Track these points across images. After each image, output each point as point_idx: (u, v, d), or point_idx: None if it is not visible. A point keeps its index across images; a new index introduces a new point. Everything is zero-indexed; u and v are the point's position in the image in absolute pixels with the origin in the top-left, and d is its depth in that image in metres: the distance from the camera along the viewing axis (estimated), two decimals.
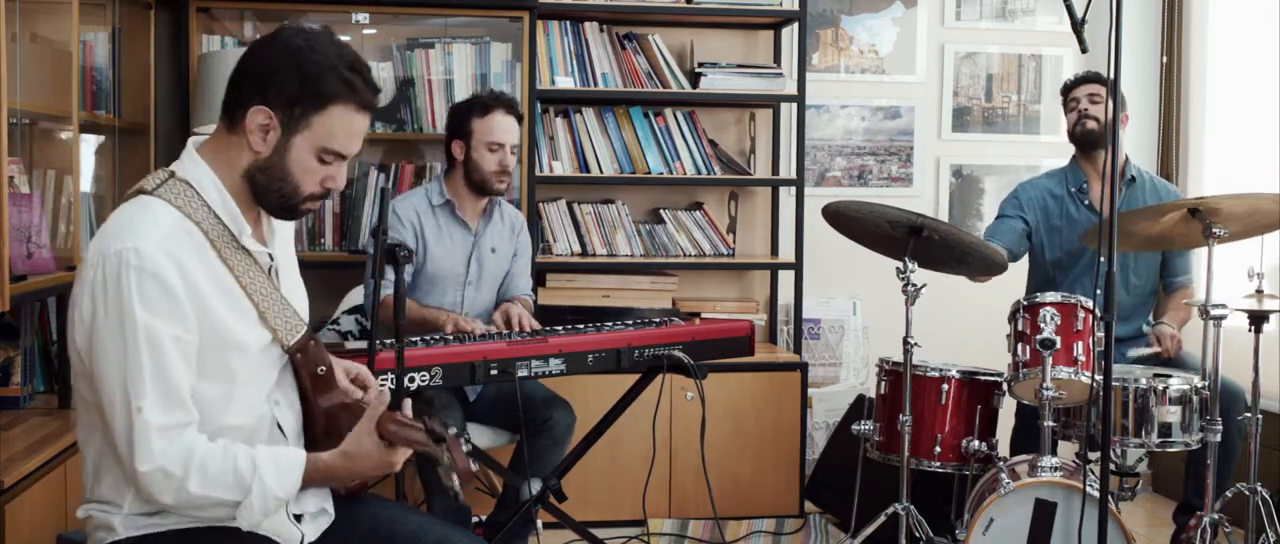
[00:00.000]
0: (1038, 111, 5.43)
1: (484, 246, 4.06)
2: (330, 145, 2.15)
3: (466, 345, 3.40)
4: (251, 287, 2.16)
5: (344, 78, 2.13)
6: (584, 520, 4.01)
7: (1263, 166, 4.70)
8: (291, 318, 2.22)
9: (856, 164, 5.35)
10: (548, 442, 3.87)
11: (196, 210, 2.12)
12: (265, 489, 2.08)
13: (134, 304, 2.01)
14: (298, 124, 2.13)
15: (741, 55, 5.14)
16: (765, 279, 5.23)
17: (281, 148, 2.14)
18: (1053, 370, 3.49)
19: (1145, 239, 3.75)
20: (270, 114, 2.11)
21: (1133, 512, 4.74)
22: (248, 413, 2.17)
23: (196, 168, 2.17)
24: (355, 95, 2.14)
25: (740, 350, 3.86)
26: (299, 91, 2.11)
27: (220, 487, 2.07)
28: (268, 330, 2.18)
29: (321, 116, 2.13)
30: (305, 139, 2.14)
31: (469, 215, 4.03)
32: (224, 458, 2.07)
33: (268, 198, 2.19)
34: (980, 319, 4.71)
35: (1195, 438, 3.54)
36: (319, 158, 2.16)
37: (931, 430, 3.70)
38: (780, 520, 4.70)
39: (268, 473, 2.09)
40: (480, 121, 3.92)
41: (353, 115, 2.16)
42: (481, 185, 3.96)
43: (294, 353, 2.21)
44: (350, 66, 2.14)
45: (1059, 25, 5.37)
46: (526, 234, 4.23)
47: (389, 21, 4.80)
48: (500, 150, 3.93)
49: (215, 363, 2.11)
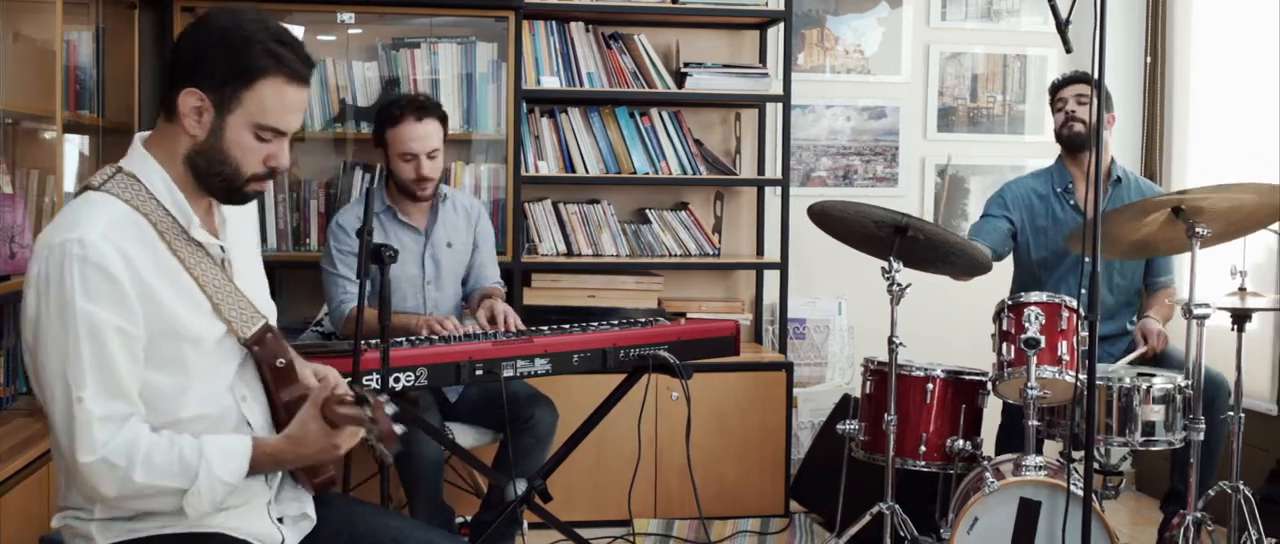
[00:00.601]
0: (1023, 111, 5.45)
1: (438, 243, 4.03)
2: (264, 120, 2.13)
3: (451, 346, 3.39)
4: (204, 279, 2.14)
5: (270, 50, 2.10)
6: (569, 520, 4.00)
7: (1246, 166, 4.72)
8: (246, 309, 2.19)
9: (842, 164, 5.36)
10: (531, 440, 3.86)
11: (144, 203, 2.11)
12: (212, 474, 2.06)
13: (76, 294, 2.00)
14: (229, 103, 2.11)
15: (727, 55, 5.14)
16: (751, 279, 5.24)
17: (217, 129, 2.12)
18: (1037, 370, 3.50)
19: (1130, 245, 3.76)
20: (201, 96, 2.10)
21: (1116, 510, 4.76)
22: (207, 405, 2.15)
23: (143, 161, 2.15)
24: (283, 67, 2.12)
25: (725, 350, 3.86)
26: (227, 70, 2.09)
27: (166, 475, 2.05)
28: (222, 322, 2.16)
29: (252, 92, 2.11)
30: (239, 117, 2.12)
31: (414, 217, 4.01)
32: (169, 448, 2.06)
33: (211, 182, 2.16)
34: (965, 319, 4.72)
35: (1178, 437, 3.55)
36: (256, 135, 2.13)
37: (916, 430, 3.70)
38: (765, 520, 4.70)
39: (214, 459, 2.07)
40: (391, 131, 3.88)
41: (284, 88, 2.13)
42: (406, 193, 3.94)
43: (251, 345, 2.19)
44: (276, 39, 2.12)
45: (1044, 25, 5.39)
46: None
47: (375, 21, 4.79)
48: (414, 160, 3.88)
49: (167, 353, 2.09)
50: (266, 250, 4.55)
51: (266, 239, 4.58)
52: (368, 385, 2.09)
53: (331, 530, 2.32)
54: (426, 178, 3.91)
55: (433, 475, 3.76)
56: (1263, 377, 4.58)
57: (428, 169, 3.90)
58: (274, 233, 4.61)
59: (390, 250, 3.07)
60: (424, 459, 3.70)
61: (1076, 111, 4.24)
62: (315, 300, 4.28)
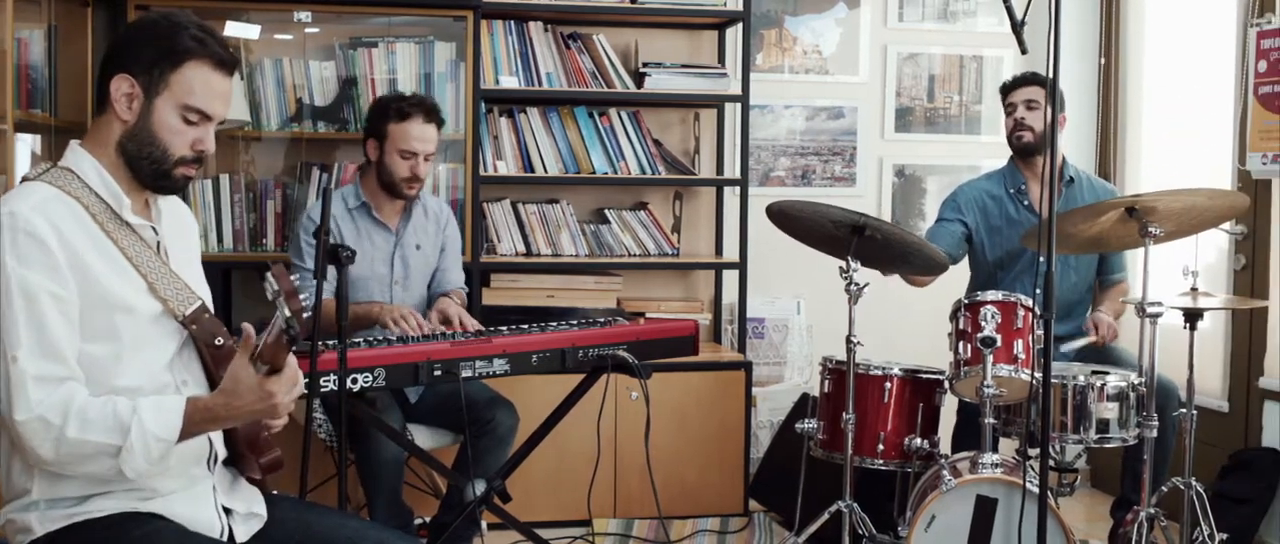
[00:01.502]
0: (980, 112, 5.49)
1: (407, 245, 4.03)
2: (191, 102, 2.22)
3: (410, 346, 3.38)
4: (138, 259, 2.19)
5: (195, 36, 2.23)
6: (528, 521, 4.00)
7: (1198, 167, 4.78)
8: (182, 289, 2.24)
9: (800, 164, 5.38)
10: (491, 442, 3.86)
11: (77, 190, 2.18)
12: (145, 430, 2.07)
13: (7, 257, 2.06)
14: (157, 85, 2.21)
15: (686, 55, 5.15)
16: (710, 279, 5.25)
17: (146, 112, 2.22)
18: (993, 368, 3.53)
19: (1084, 241, 3.80)
20: (132, 81, 2.21)
21: (1072, 507, 4.80)
22: (142, 376, 2.17)
23: (77, 157, 2.24)
24: (208, 52, 2.23)
25: (685, 350, 3.87)
26: (154, 54, 2.20)
27: (99, 430, 2.07)
28: (157, 301, 2.20)
29: (178, 74, 2.21)
30: (166, 100, 2.22)
31: (387, 216, 4.00)
32: (104, 405, 2.09)
33: (141, 167, 2.24)
34: (922, 318, 4.75)
35: (1132, 434, 3.59)
36: (183, 118, 2.23)
37: (874, 428, 3.72)
38: (725, 519, 4.71)
39: (147, 414, 2.09)
40: (396, 126, 3.89)
41: (210, 73, 2.23)
42: (391, 189, 3.94)
43: (188, 324, 2.22)
44: (201, 28, 2.24)
45: (1000, 26, 5.43)
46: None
47: (332, 21, 4.76)
48: (413, 158, 3.90)
49: (99, 323, 2.13)
50: (223, 251, 4.52)
51: (222, 240, 4.55)
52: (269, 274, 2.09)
53: (285, 532, 2.32)
54: (419, 178, 3.94)
55: (392, 476, 3.74)
56: (1214, 374, 4.63)
57: (423, 170, 3.93)
58: (231, 233, 4.57)
59: (347, 251, 3.06)
60: (383, 460, 3.68)
61: (1026, 118, 4.26)
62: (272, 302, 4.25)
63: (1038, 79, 4.29)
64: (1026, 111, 4.27)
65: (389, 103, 3.94)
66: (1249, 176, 4.42)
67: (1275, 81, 4.27)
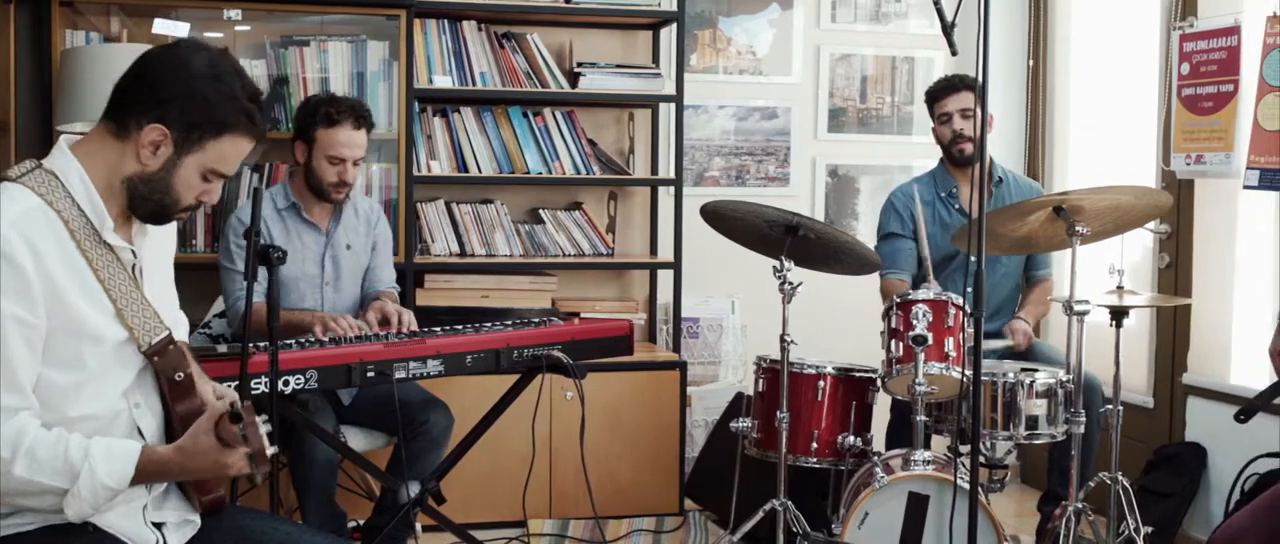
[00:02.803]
0: (911, 113, 5.54)
1: (338, 245, 4.00)
2: (218, 168, 2.21)
3: (342, 347, 3.35)
4: (110, 283, 2.14)
5: (245, 109, 2.18)
6: (463, 522, 3.98)
7: (1123, 167, 4.86)
8: (151, 319, 2.19)
9: (734, 164, 5.40)
10: (425, 444, 3.83)
11: (59, 200, 2.11)
12: (94, 477, 2.05)
13: None
14: (192, 146, 2.17)
15: (620, 55, 5.15)
16: (644, 278, 5.25)
17: (170, 165, 2.17)
18: (925, 366, 3.56)
19: (1013, 241, 3.85)
20: (165, 132, 2.14)
21: (1001, 502, 4.86)
22: (98, 405, 2.13)
23: (65, 161, 2.16)
24: (251, 127, 2.21)
25: (620, 350, 3.87)
26: (200, 118, 2.15)
27: (47, 472, 2.03)
28: (123, 328, 2.14)
29: (216, 143, 2.18)
30: (196, 160, 2.18)
31: (317, 216, 3.97)
32: (55, 444, 2.04)
33: (143, 205, 2.20)
34: (855, 317, 4.78)
35: (1060, 430, 3.64)
36: (203, 177, 2.21)
37: (808, 427, 3.75)
38: (660, 518, 4.72)
39: (98, 461, 2.05)
40: (325, 132, 3.83)
41: (244, 143, 2.22)
42: (319, 192, 3.90)
43: (151, 355, 2.18)
44: (251, 98, 2.19)
45: (931, 28, 5.48)
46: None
47: (262, 19, 4.71)
48: (341, 164, 3.85)
49: (65, 350, 2.08)
50: None
51: None
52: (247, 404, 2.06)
53: (218, 536, 2.30)
54: (347, 183, 3.90)
55: (325, 479, 3.71)
56: (1139, 371, 4.72)
57: (351, 175, 3.89)
58: None
59: (278, 252, 3.02)
60: (316, 463, 3.65)
61: (964, 130, 4.26)
62: (203, 303, 4.20)
63: (967, 84, 4.29)
64: (963, 121, 4.27)
65: (318, 106, 3.88)
66: (1173, 177, 4.51)
67: (1198, 84, 4.36)
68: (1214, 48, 4.29)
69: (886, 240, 4.39)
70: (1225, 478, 4.22)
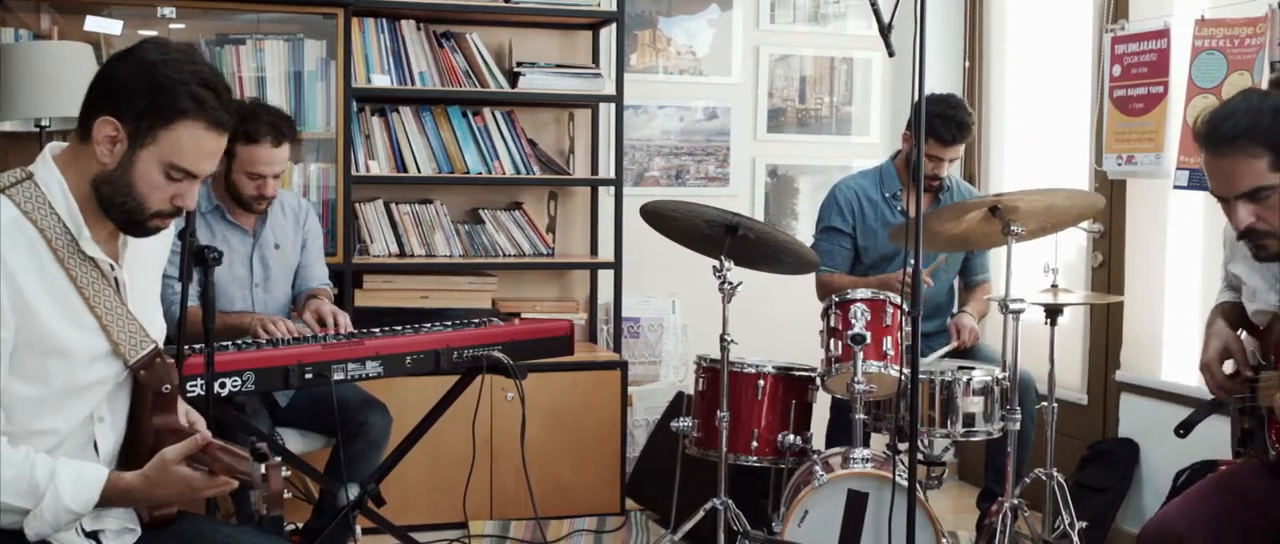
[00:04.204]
0: (850, 113, 5.58)
1: (266, 245, 3.95)
2: (178, 162, 2.12)
3: (279, 349, 3.32)
4: (94, 297, 2.11)
5: (195, 94, 2.10)
6: (404, 524, 3.96)
7: (1058, 167, 4.93)
8: (137, 333, 2.16)
9: (675, 164, 5.41)
10: (364, 446, 3.81)
11: (40, 212, 2.08)
12: (59, 500, 2.03)
13: None
14: (144, 137, 2.10)
15: (560, 55, 5.14)
16: (585, 278, 5.25)
17: (127, 161, 2.11)
18: (863, 365, 3.59)
19: (949, 239, 3.88)
20: (117, 125, 2.09)
21: (940, 499, 4.90)
22: (59, 419, 2.11)
23: (47, 171, 2.13)
24: (205, 112, 2.11)
25: (560, 350, 3.87)
26: (147, 105, 2.08)
27: (10, 493, 2.01)
28: (109, 342, 2.12)
29: (169, 132, 2.10)
30: (151, 153, 2.11)
31: (242, 218, 3.91)
32: (21, 465, 2.02)
33: (113, 211, 2.14)
34: (795, 316, 4.81)
35: (996, 427, 3.68)
36: (166, 174, 2.13)
37: (748, 426, 3.76)
38: (602, 518, 4.72)
39: (64, 484, 2.03)
40: (243, 148, 3.74)
41: (202, 133, 2.12)
42: (238, 201, 3.86)
43: (138, 369, 2.16)
44: (202, 83, 2.11)
45: (869, 30, 5.51)
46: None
47: (197, 17, 4.65)
48: (260, 179, 3.80)
49: (31, 365, 2.05)
50: None
51: None
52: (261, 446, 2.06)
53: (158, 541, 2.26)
54: (267, 197, 3.84)
55: None
56: (1073, 368, 4.78)
57: (270, 188, 3.83)
58: None
59: (214, 252, 2.98)
60: None
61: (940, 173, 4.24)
62: None
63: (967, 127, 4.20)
64: (948, 166, 4.27)
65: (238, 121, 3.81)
66: (1105, 177, 4.58)
67: (1129, 85, 4.43)
68: (1145, 50, 4.36)
69: (826, 234, 4.42)
70: (1157, 472, 4.30)
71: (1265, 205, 2.53)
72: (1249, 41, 3.92)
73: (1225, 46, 3.99)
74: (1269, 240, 2.57)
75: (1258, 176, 2.51)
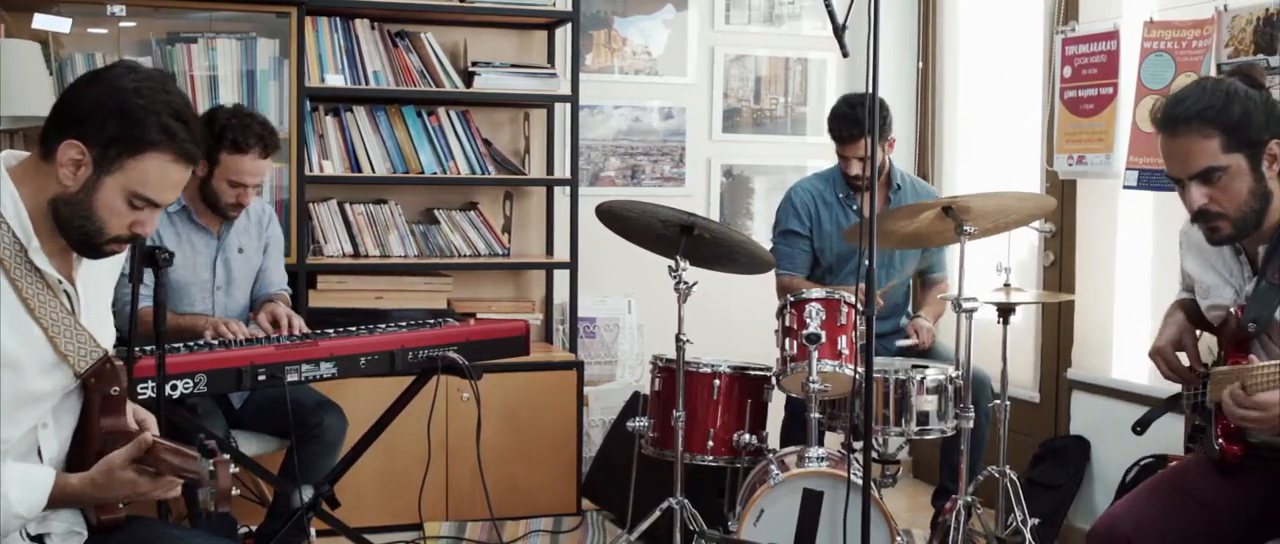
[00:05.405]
0: (805, 114, 5.60)
1: (230, 249, 3.92)
2: (143, 191, 2.10)
3: (232, 350, 3.29)
4: (41, 309, 2.08)
5: (165, 125, 2.07)
6: (358, 526, 3.94)
7: (1010, 167, 4.97)
8: (86, 344, 2.14)
9: (630, 164, 5.41)
10: (319, 447, 3.78)
11: None
12: (7, 505, 2.02)
13: None
14: (110, 165, 2.07)
15: (515, 55, 5.13)
16: (541, 279, 5.24)
17: (90, 186, 2.08)
18: (818, 364, 3.60)
19: (903, 237, 3.91)
20: (83, 150, 2.06)
21: (894, 497, 4.94)
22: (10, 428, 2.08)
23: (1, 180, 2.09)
24: (175, 145, 2.09)
25: (516, 350, 3.86)
26: (117, 132, 2.06)
27: None
28: (56, 353, 2.10)
29: (136, 161, 2.08)
30: (116, 181, 2.08)
31: (209, 221, 3.89)
32: None
33: (70, 232, 2.12)
34: (750, 315, 4.82)
35: (950, 425, 3.71)
36: (129, 202, 2.11)
37: (704, 425, 3.76)
38: (558, 519, 4.72)
39: (12, 490, 2.02)
40: (230, 157, 3.72)
41: (170, 165, 2.11)
42: (214, 208, 3.83)
43: (88, 378, 2.14)
44: (174, 114, 2.09)
45: (823, 30, 5.54)
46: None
47: (148, 15, 4.60)
48: (242, 188, 3.78)
49: None
50: None
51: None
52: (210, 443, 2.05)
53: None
54: (244, 205, 3.83)
55: None
56: (1026, 367, 4.83)
57: (249, 198, 3.82)
58: None
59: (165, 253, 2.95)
60: None
61: (861, 173, 4.25)
62: None
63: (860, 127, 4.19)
64: (860, 165, 4.25)
65: (226, 130, 3.72)
66: (1056, 177, 4.62)
67: (1079, 86, 4.47)
68: (1095, 51, 4.41)
69: (784, 237, 4.44)
70: (1108, 469, 4.34)
71: (1217, 187, 2.58)
72: (1196, 43, 3.97)
73: (1173, 48, 4.04)
74: (1221, 222, 2.61)
75: (1210, 156, 2.56)
